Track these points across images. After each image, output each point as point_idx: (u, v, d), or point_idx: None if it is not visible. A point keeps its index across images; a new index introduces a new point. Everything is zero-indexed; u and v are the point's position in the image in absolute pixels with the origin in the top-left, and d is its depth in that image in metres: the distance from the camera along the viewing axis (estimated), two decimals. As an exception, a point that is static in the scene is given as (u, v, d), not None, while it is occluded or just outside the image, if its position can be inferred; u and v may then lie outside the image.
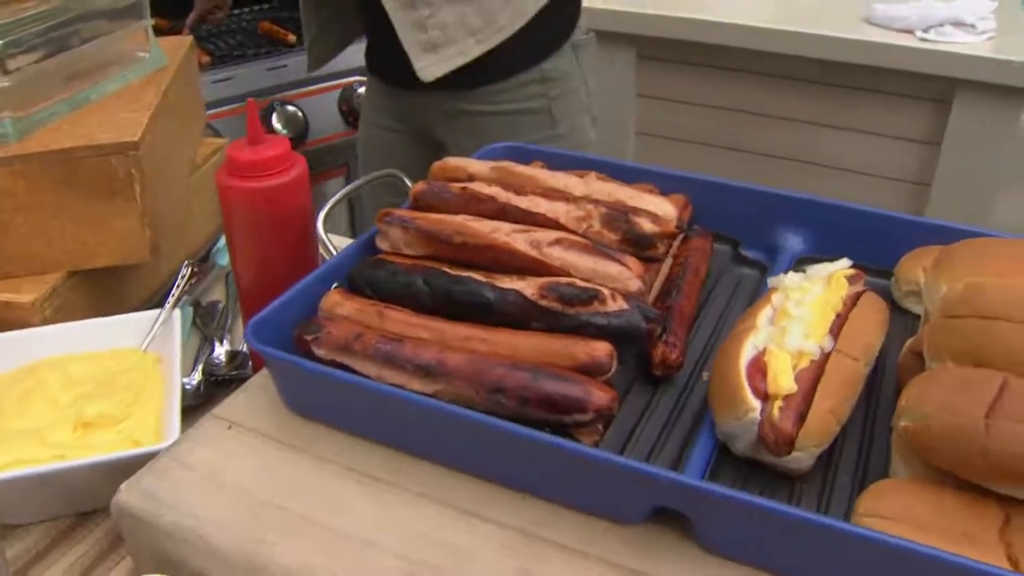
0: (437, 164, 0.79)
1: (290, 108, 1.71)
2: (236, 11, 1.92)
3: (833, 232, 0.77)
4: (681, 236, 0.78)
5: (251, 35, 1.85)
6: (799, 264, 0.76)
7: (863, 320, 0.64)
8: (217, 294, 0.96)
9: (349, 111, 1.80)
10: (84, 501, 0.68)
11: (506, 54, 1.18)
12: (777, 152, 1.97)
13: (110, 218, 0.79)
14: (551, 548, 0.55)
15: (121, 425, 0.69)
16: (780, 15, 1.91)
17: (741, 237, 0.82)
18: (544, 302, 0.62)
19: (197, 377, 0.82)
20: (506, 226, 0.69)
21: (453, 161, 0.79)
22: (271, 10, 1.99)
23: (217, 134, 1.53)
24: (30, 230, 0.78)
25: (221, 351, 0.86)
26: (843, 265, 0.70)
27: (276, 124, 1.69)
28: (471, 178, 0.76)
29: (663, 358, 0.65)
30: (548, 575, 0.53)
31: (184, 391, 0.75)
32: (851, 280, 0.69)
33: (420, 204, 0.75)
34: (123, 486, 0.60)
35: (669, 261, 0.75)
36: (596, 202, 0.70)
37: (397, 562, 0.54)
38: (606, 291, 0.62)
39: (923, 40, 1.73)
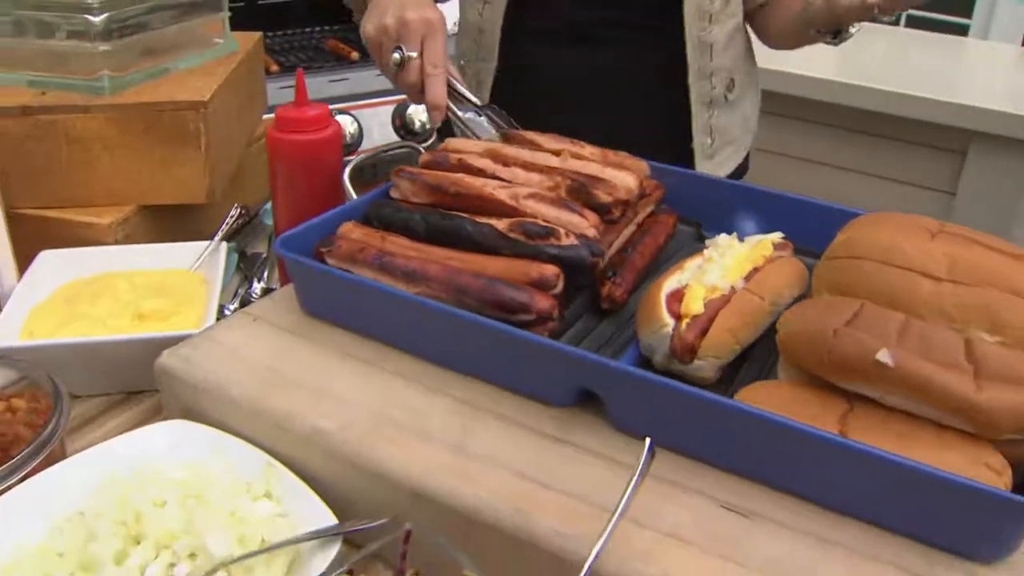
0: (442, 144, 0.97)
1: (347, 117, 1.93)
2: (307, 28, 2.17)
3: (781, 218, 0.92)
4: (648, 210, 0.94)
5: (319, 51, 2.08)
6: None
7: (776, 271, 0.79)
8: (260, 247, 1.16)
9: (402, 125, 2.01)
10: (132, 379, 0.86)
11: None
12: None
13: (178, 164, 0.99)
14: (490, 416, 0.71)
15: (169, 320, 0.88)
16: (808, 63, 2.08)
17: (703, 220, 0.98)
18: (511, 234, 0.79)
19: (234, 305, 1.01)
20: (493, 182, 0.86)
21: (454, 142, 0.97)
22: (340, 30, 2.23)
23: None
24: (113, 168, 0.98)
25: (257, 287, 1.05)
26: (775, 236, 0.86)
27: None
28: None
29: (609, 293, 0.82)
30: (484, 432, 0.69)
31: (222, 312, 0.93)
32: (778, 247, 0.84)
33: (428, 168, 0.93)
34: (165, 352, 0.78)
35: (632, 228, 0.91)
36: (564, 174, 0.87)
37: (366, 414, 0.70)
38: (562, 230, 0.78)
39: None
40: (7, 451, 0.71)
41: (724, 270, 0.77)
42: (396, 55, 0.99)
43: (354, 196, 0.93)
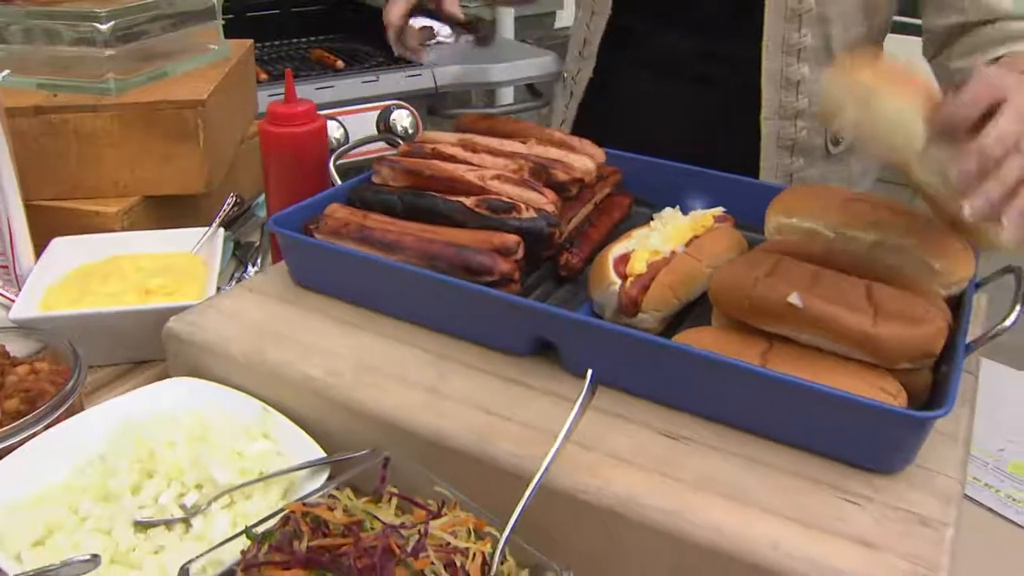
0: (418, 136, 1.08)
1: (333, 122, 2.04)
2: (294, 39, 2.28)
3: (727, 198, 1.03)
4: (606, 192, 1.05)
5: (305, 60, 2.20)
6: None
7: (713, 238, 0.90)
8: (254, 236, 1.26)
9: (386, 129, 2.12)
10: (139, 349, 0.97)
11: None
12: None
13: (178, 157, 1.09)
14: (458, 364, 0.81)
15: (173, 295, 0.98)
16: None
17: (657, 201, 1.08)
18: (478, 209, 0.90)
19: (231, 287, 1.12)
20: (462, 166, 0.97)
21: (430, 134, 1.08)
22: (325, 40, 2.35)
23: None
24: (118, 161, 1.09)
25: (252, 271, 1.15)
26: (716, 210, 0.97)
27: (320, 135, 2.01)
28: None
29: (566, 262, 0.92)
30: (454, 377, 0.79)
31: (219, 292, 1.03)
32: (718, 219, 0.95)
33: (408, 156, 1.04)
34: (173, 318, 0.88)
35: (590, 207, 1.02)
36: (527, 158, 0.98)
37: (350, 364, 0.81)
38: (523, 205, 0.89)
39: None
40: (33, 404, 0.81)
41: (666, 237, 0.88)
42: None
43: (339, 182, 1.03)
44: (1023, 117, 0.68)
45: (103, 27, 1.05)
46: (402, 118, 2.10)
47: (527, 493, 0.65)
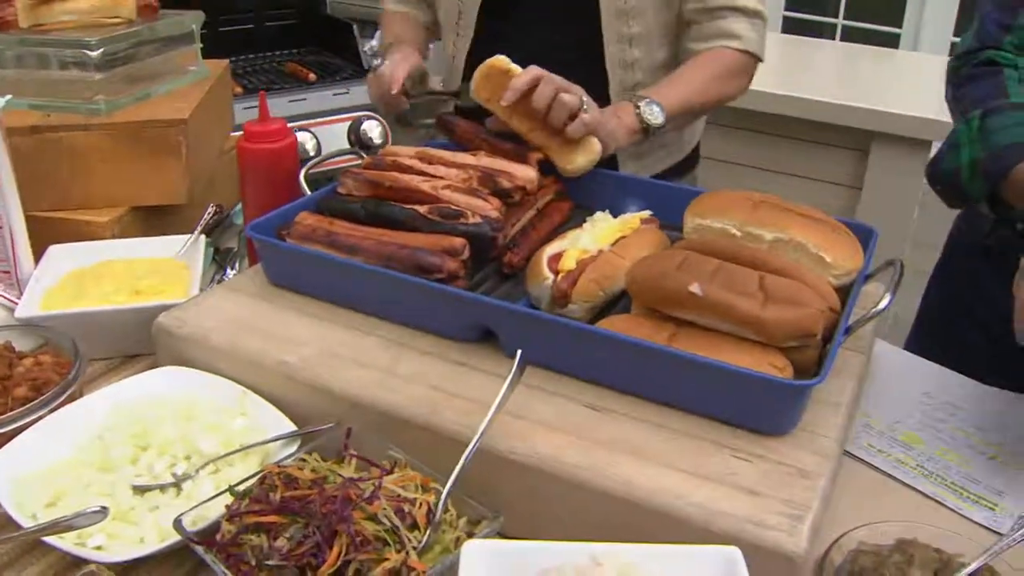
0: (381, 151, 1.22)
1: (306, 133, 2.17)
2: (269, 52, 2.41)
3: (657, 201, 1.17)
4: (549, 198, 1.19)
5: (280, 73, 2.33)
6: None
7: (638, 238, 1.04)
8: (232, 243, 1.39)
9: (356, 140, 2.25)
10: (131, 343, 1.09)
11: None
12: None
13: (162, 170, 1.23)
14: (411, 350, 0.95)
15: (161, 295, 1.11)
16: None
17: (595, 205, 1.22)
18: (430, 216, 1.03)
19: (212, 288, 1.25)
20: (418, 177, 1.11)
21: (390, 148, 1.21)
22: (299, 53, 2.48)
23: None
24: (109, 175, 1.22)
25: (231, 274, 1.28)
26: (644, 213, 1.11)
27: (293, 145, 2.14)
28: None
29: (509, 260, 1.06)
30: (407, 360, 0.93)
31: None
32: (645, 221, 1.10)
33: (371, 169, 1.17)
34: (162, 314, 1.02)
35: (533, 211, 1.16)
36: (476, 168, 1.12)
37: (317, 351, 0.94)
38: (470, 212, 1.03)
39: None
40: (39, 391, 0.94)
41: (595, 238, 1.02)
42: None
43: (308, 192, 1.17)
44: None
45: (93, 53, 1.18)
46: (372, 128, 2.23)
47: (465, 454, 0.78)
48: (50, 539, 0.77)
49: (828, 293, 0.92)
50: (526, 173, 1.14)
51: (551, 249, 1.01)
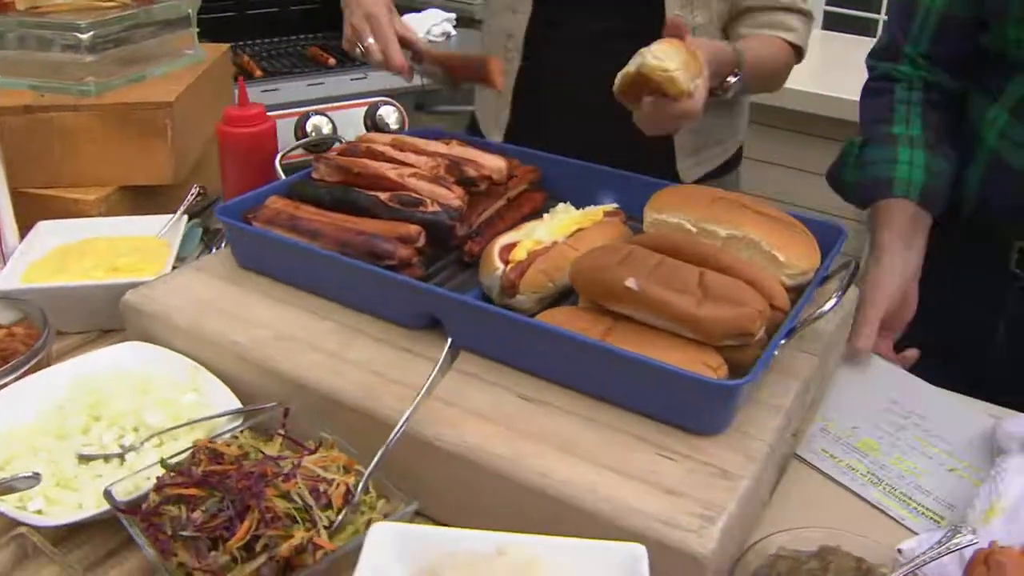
0: (357, 136, 1.25)
1: (322, 117, 2.21)
2: (293, 36, 2.46)
3: (632, 196, 1.18)
4: (521, 188, 1.21)
5: (300, 57, 2.38)
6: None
7: (597, 231, 1.05)
8: (220, 224, 1.44)
9: (373, 125, 2.29)
10: (105, 318, 1.14)
11: None
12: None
13: (149, 152, 1.27)
14: (362, 335, 0.98)
15: (138, 273, 1.16)
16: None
17: (571, 198, 1.23)
18: (391, 203, 1.06)
19: (195, 267, 1.29)
20: (387, 164, 1.13)
21: (367, 135, 1.24)
22: (323, 38, 2.53)
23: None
24: (97, 155, 1.27)
25: (217, 253, 1.33)
26: (609, 206, 1.12)
27: (308, 129, 2.18)
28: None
29: (470, 249, 1.08)
30: (356, 345, 0.96)
31: (182, 267, 1.21)
32: (608, 214, 1.11)
33: (343, 155, 1.20)
34: (130, 291, 1.06)
35: (503, 201, 1.18)
36: (446, 156, 1.15)
37: (271, 333, 0.98)
38: (429, 200, 1.06)
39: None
40: (7, 360, 0.99)
41: (551, 229, 1.04)
42: (357, 51, 1.27)
43: (283, 176, 1.20)
44: None
45: (83, 36, 1.23)
46: (388, 114, 2.25)
47: (390, 438, 0.81)
48: (-8, 502, 0.82)
49: (777, 293, 0.93)
50: (494, 163, 1.15)
51: (505, 239, 1.03)
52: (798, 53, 1.40)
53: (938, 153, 1.20)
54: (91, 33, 1.24)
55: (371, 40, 1.25)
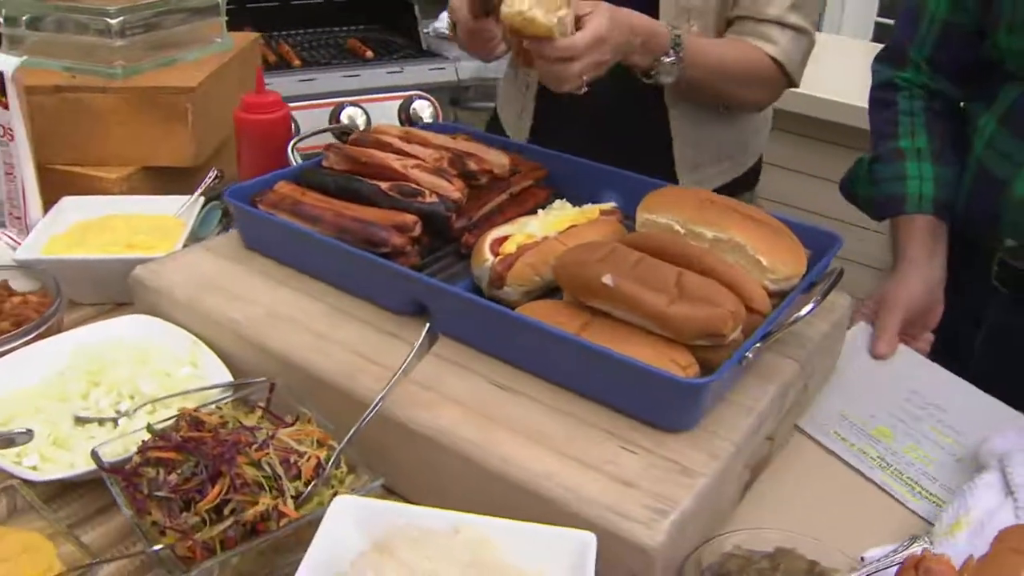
0: (373, 127, 1.29)
1: (357, 109, 2.27)
2: (334, 28, 2.53)
3: (637, 197, 1.21)
4: (526, 184, 1.24)
5: (339, 49, 2.44)
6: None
7: (590, 228, 1.08)
8: (242, 207, 1.50)
9: (407, 118, 2.34)
10: (118, 292, 1.20)
11: None
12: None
13: (171, 134, 1.34)
14: (351, 317, 1.02)
15: (152, 250, 1.22)
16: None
17: (576, 196, 1.27)
18: (391, 192, 1.10)
19: (209, 247, 1.35)
20: (392, 155, 1.18)
21: (380, 126, 1.29)
22: (363, 30, 2.59)
23: (294, 122, 2.10)
24: (122, 136, 1.33)
25: (226, 234, 1.39)
26: (607, 205, 1.15)
27: (343, 119, 2.25)
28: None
29: (466, 241, 1.12)
30: (345, 327, 1.00)
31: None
32: (605, 212, 1.14)
33: (354, 144, 1.25)
34: (138, 267, 1.12)
35: (505, 196, 1.21)
36: (450, 149, 1.19)
37: (265, 311, 1.03)
38: (427, 191, 1.10)
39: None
40: (19, 325, 1.06)
41: (544, 225, 1.07)
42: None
43: (295, 163, 1.25)
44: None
45: (112, 21, 1.30)
46: (423, 108, 2.31)
47: (363, 416, 0.85)
48: (-10, 455, 0.88)
49: (757, 296, 0.95)
50: (496, 158, 1.19)
51: (497, 232, 1.06)
52: (783, 73, 1.40)
53: (944, 163, 1.24)
54: (120, 19, 1.31)
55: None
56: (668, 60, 1.28)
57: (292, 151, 1.27)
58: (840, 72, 2.61)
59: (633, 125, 1.41)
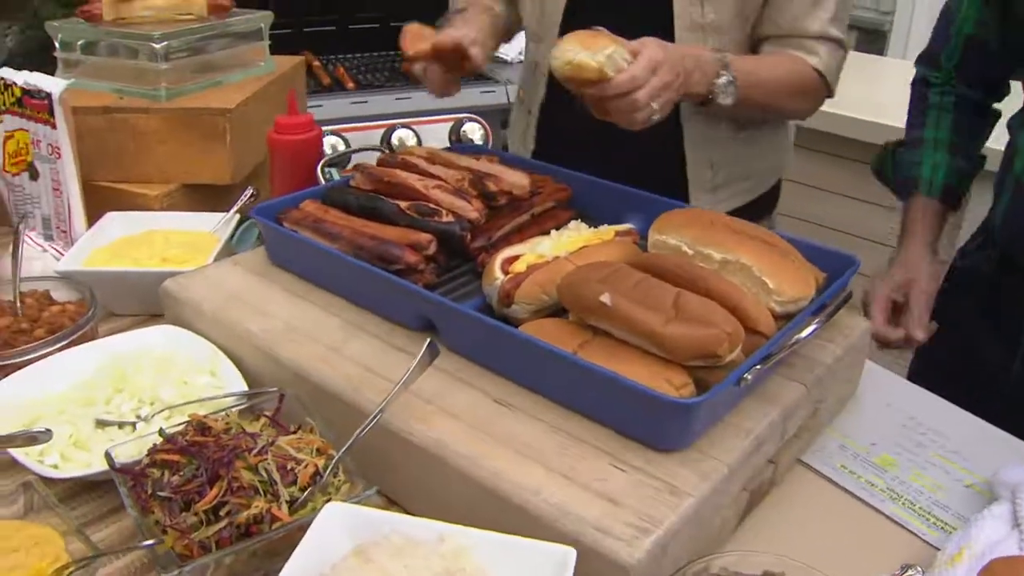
0: (400, 149, 1.35)
1: (408, 131, 2.34)
2: (389, 52, 2.61)
3: (655, 216, 1.23)
4: (548, 206, 1.28)
5: (393, 72, 2.52)
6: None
7: (602, 249, 1.11)
8: (280, 225, 1.57)
9: (457, 140, 2.40)
10: (154, 305, 1.27)
11: None
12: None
13: (210, 153, 1.41)
14: (363, 332, 1.07)
15: (185, 264, 1.29)
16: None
17: (597, 217, 1.30)
18: (409, 212, 1.15)
19: (246, 263, 1.42)
20: (415, 176, 1.23)
21: (410, 147, 1.34)
22: (417, 55, 2.66)
23: (346, 143, 2.18)
24: (163, 155, 1.41)
25: (254, 250, 1.45)
26: (624, 226, 1.18)
27: (394, 141, 2.31)
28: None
29: (482, 260, 1.16)
30: (357, 341, 1.05)
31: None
32: (620, 234, 1.16)
33: (381, 165, 1.30)
34: (168, 280, 1.19)
35: (526, 217, 1.25)
36: (471, 170, 1.23)
37: (282, 324, 1.08)
38: (444, 211, 1.14)
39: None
40: (53, 333, 1.13)
41: (556, 245, 1.10)
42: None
43: (323, 182, 1.31)
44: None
45: (157, 46, 1.39)
46: (473, 130, 2.36)
47: (362, 427, 0.89)
48: (15, 453, 0.95)
49: (762, 318, 0.96)
50: (516, 178, 1.23)
51: (509, 251, 1.10)
52: (825, 83, 1.41)
53: (959, 155, 1.38)
54: (164, 43, 1.39)
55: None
56: (723, 80, 1.29)
57: (321, 171, 1.33)
58: (904, 95, 2.58)
59: (640, 148, 1.42)
